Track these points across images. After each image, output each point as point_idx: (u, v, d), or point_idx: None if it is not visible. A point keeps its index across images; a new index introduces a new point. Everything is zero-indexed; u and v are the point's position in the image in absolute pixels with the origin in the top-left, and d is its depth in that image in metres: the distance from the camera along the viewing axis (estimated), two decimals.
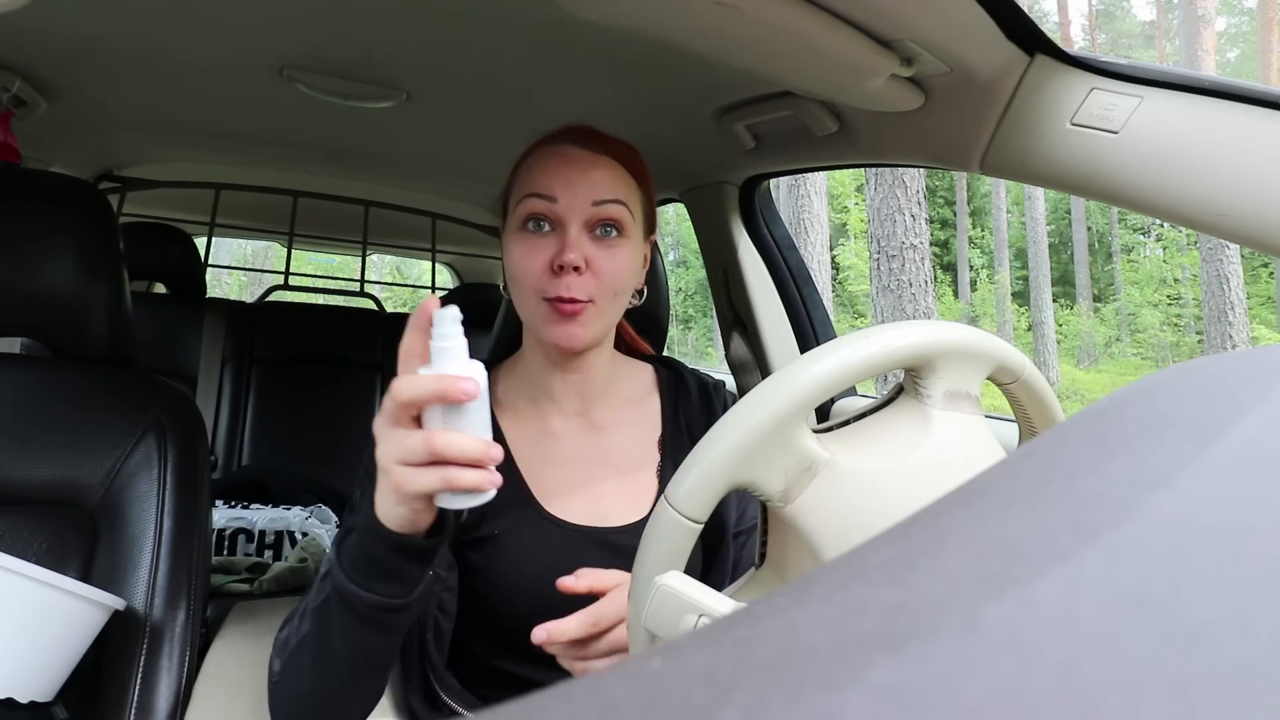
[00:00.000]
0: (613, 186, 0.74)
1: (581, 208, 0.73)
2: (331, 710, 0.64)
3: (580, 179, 0.73)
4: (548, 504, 0.77)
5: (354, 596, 0.58)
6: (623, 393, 0.84)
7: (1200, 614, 0.10)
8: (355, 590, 0.58)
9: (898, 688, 0.09)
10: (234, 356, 1.84)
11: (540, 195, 0.73)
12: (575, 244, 0.71)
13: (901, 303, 5.52)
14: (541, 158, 0.76)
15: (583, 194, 0.73)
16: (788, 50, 0.76)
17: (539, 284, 0.72)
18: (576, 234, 0.72)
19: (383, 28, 0.93)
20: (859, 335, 0.54)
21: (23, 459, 0.82)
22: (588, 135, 0.77)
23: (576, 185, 0.73)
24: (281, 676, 0.64)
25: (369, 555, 0.58)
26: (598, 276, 0.73)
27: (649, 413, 0.84)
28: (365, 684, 0.64)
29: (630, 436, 0.83)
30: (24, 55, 1.06)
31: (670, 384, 0.87)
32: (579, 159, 0.75)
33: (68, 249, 0.84)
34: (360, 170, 1.74)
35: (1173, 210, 0.71)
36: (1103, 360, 15.30)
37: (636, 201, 0.77)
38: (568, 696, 0.10)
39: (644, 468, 0.81)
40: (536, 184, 0.74)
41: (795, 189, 7.41)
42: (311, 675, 0.62)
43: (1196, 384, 0.18)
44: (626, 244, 0.75)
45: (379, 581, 0.58)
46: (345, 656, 0.60)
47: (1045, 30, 0.74)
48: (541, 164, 0.75)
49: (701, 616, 0.49)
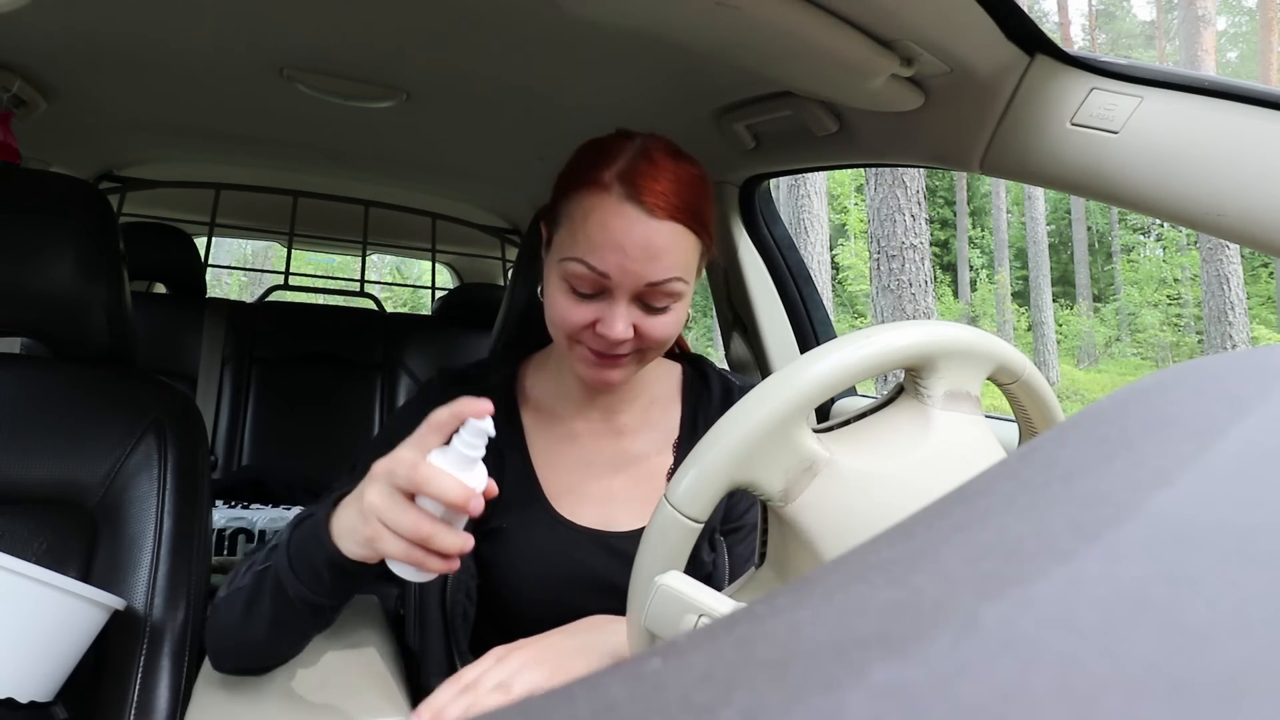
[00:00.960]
0: (672, 260, 0.67)
1: (634, 285, 0.67)
2: (246, 655, 0.69)
3: (639, 256, 0.65)
4: (557, 503, 0.78)
5: (288, 583, 0.62)
6: (649, 393, 0.84)
7: (1200, 614, 0.10)
8: (291, 579, 0.62)
9: (898, 688, 0.09)
10: (234, 356, 1.84)
11: (590, 267, 0.66)
12: (623, 316, 0.67)
13: (901, 303, 5.52)
14: (596, 213, 0.66)
15: (637, 274, 0.66)
16: (788, 50, 0.76)
17: (577, 336, 0.70)
18: (625, 308, 0.67)
19: (383, 28, 0.93)
20: (859, 335, 0.54)
21: (23, 459, 0.82)
22: (649, 182, 0.66)
23: (632, 264, 0.65)
24: (219, 606, 0.69)
25: (309, 558, 0.61)
26: (642, 339, 0.69)
27: (670, 415, 0.84)
28: (277, 647, 0.69)
29: (649, 440, 0.82)
30: (24, 55, 1.06)
31: (694, 386, 0.86)
32: (638, 227, 0.65)
33: (68, 249, 0.84)
34: (360, 170, 1.74)
35: (1173, 210, 0.71)
36: (1103, 360, 15.31)
37: (695, 257, 0.70)
38: (568, 696, 0.10)
39: (658, 473, 0.81)
40: (587, 250, 0.66)
41: (795, 189, 7.40)
42: (238, 621, 0.66)
43: (1196, 384, 0.18)
44: (678, 306, 0.70)
45: (311, 580, 0.62)
46: (268, 622, 0.65)
47: (1045, 30, 0.74)
48: (596, 224, 0.66)
49: (701, 616, 0.49)
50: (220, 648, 0.70)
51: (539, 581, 0.75)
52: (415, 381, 1.92)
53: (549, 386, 0.83)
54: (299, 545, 0.62)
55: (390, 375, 1.92)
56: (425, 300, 10.29)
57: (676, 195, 0.67)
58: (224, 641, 0.69)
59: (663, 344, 0.72)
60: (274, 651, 0.69)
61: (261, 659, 0.70)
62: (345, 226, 2.20)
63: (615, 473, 0.80)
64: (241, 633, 0.67)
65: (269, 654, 0.70)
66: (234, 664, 0.71)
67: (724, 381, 0.86)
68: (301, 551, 0.62)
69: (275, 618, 0.64)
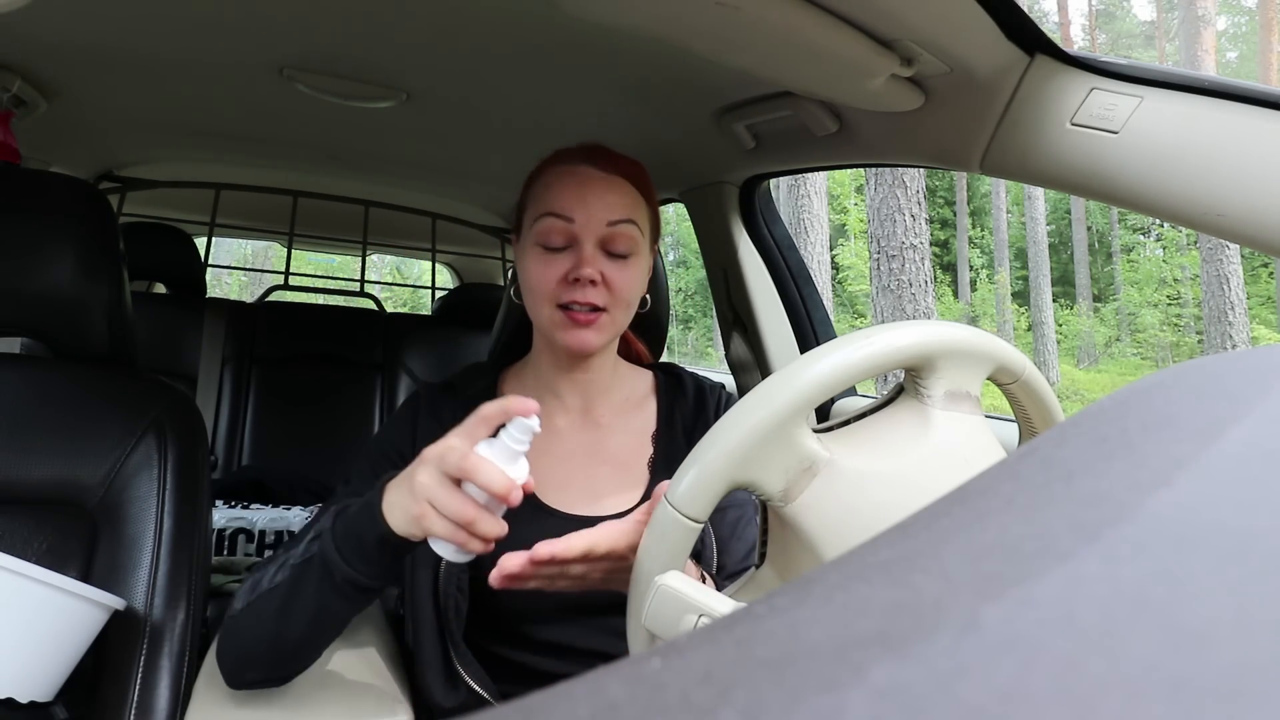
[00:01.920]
0: (625, 207, 0.78)
1: (596, 228, 0.76)
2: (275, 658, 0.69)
3: (596, 200, 0.76)
4: (544, 495, 0.80)
5: (335, 566, 0.63)
6: (623, 394, 0.88)
7: (1200, 614, 0.10)
8: (338, 561, 0.63)
9: (898, 688, 0.09)
10: (234, 356, 1.84)
11: (557, 215, 0.76)
12: (590, 260, 0.76)
13: (901, 303, 5.52)
14: (557, 177, 0.79)
15: (598, 215, 0.76)
16: (788, 50, 0.76)
17: (555, 293, 0.77)
18: (591, 251, 0.76)
19: (383, 28, 0.93)
20: (859, 335, 0.54)
21: (23, 459, 0.82)
22: (601, 154, 0.80)
23: (592, 207, 0.76)
24: (242, 613, 0.69)
25: (359, 537, 0.63)
26: (611, 290, 0.77)
27: (646, 413, 0.88)
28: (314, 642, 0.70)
29: (628, 433, 0.86)
30: (24, 55, 1.06)
31: (668, 387, 0.91)
32: (594, 180, 0.78)
33: (68, 249, 0.84)
34: (360, 170, 1.74)
35: (1173, 210, 0.71)
36: (1103, 360, 15.31)
37: (645, 219, 0.81)
38: (568, 696, 0.10)
39: (637, 461, 0.84)
40: (553, 204, 0.77)
41: (795, 189, 7.40)
42: (273, 619, 0.67)
43: (1196, 384, 0.18)
44: (636, 260, 0.79)
45: (361, 561, 0.63)
46: (310, 613, 0.66)
47: (1045, 30, 0.74)
48: (558, 184, 0.78)
49: (701, 616, 0.49)
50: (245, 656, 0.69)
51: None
52: (415, 381, 1.92)
53: (529, 387, 0.87)
54: (346, 529, 0.64)
55: (390, 375, 1.92)
56: (425, 300, 10.29)
57: (625, 164, 0.81)
58: (253, 648, 0.69)
59: (626, 302, 0.79)
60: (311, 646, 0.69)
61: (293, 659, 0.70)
62: (345, 226, 2.20)
63: (597, 463, 0.83)
64: (276, 634, 0.67)
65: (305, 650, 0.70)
66: (261, 672, 0.70)
67: (696, 380, 0.91)
68: (351, 533, 0.64)
69: (319, 606, 0.65)
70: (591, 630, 0.77)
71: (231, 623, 0.70)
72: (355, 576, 0.63)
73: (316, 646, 0.70)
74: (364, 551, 0.63)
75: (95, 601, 0.71)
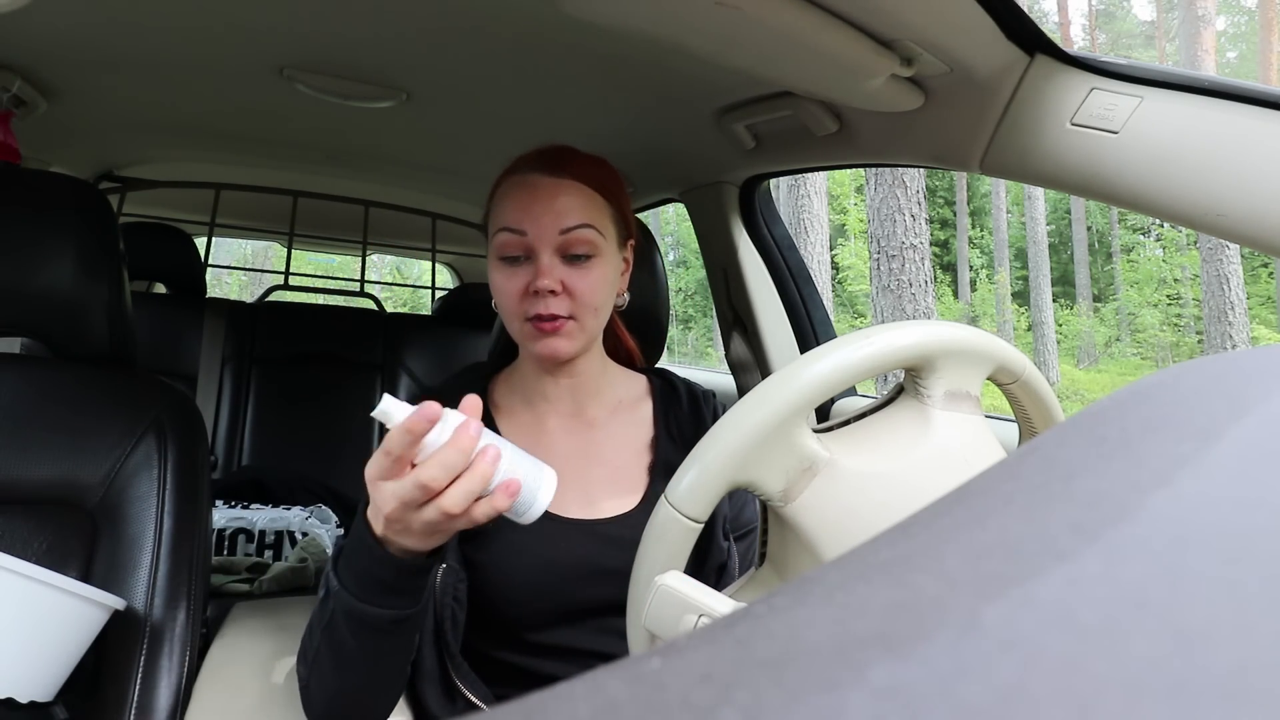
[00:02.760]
0: (579, 211, 0.76)
1: (550, 237, 0.75)
2: (364, 702, 0.68)
3: (545, 210, 0.75)
4: None
5: (367, 614, 0.61)
6: (615, 396, 0.87)
7: (1200, 614, 0.10)
8: (368, 609, 0.61)
9: (898, 688, 0.09)
10: (234, 356, 1.84)
11: (510, 229, 0.75)
12: (548, 270, 0.74)
13: (901, 303, 5.52)
14: (510, 189, 0.77)
15: (549, 224, 0.74)
16: (788, 51, 0.76)
17: (519, 307, 0.76)
18: (549, 261, 0.75)
19: (383, 28, 0.93)
20: (859, 335, 0.54)
21: (23, 459, 0.82)
22: (552, 160, 0.78)
23: (542, 216, 0.74)
24: (309, 682, 0.68)
25: (378, 579, 0.61)
26: (573, 296, 0.75)
27: (641, 416, 0.87)
28: (392, 675, 0.68)
29: (622, 435, 0.85)
30: (24, 55, 1.06)
31: (662, 392, 0.89)
32: (543, 188, 0.76)
33: (68, 249, 0.84)
34: (360, 170, 1.74)
35: (1173, 210, 0.71)
36: (1103, 360, 15.30)
37: (606, 218, 0.79)
38: (568, 696, 0.10)
39: (635, 463, 0.83)
40: (506, 218, 0.76)
41: (795, 189, 7.40)
42: (336, 680, 0.65)
43: (1196, 384, 0.18)
44: (599, 262, 0.77)
45: (391, 597, 0.61)
46: (368, 661, 0.64)
47: (1045, 30, 0.74)
48: (510, 196, 0.77)
49: (701, 616, 0.49)
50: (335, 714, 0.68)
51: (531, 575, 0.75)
52: (415, 381, 1.92)
53: (518, 393, 0.86)
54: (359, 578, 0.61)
55: (390, 375, 1.92)
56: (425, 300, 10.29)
57: (579, 166, 0.78)
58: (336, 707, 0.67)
59: (593, 306, 0.77)
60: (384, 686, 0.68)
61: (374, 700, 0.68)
62: (345, 226, 2.20)
63: (592, 464, 0.82)
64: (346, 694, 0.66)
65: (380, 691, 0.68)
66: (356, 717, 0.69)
67: (689, 387, 0.90)
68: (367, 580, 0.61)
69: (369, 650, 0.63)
70: (593, 632, 0.76)
71: (305, 693, 0.69)
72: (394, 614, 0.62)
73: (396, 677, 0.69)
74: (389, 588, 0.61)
75: (95, 601, 0.71)
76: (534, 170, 0.77)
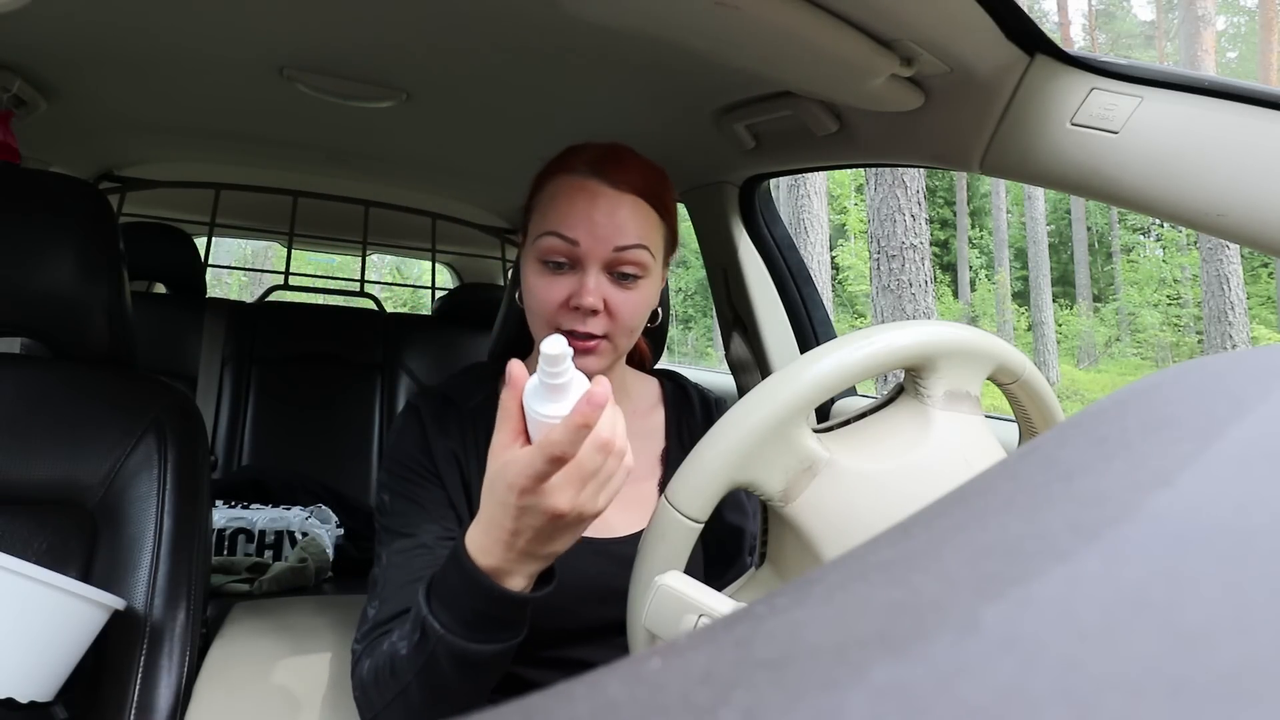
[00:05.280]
0: (636, 229, 0.71)
1: (602, 252, 0.70)
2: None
3: (604, 222, 0.70)
4: None
5: (477, 654, 0.58)
6: (630, 403, 0.85)
7: (1200, 614, 0.10)
8: (478, 649, 0.58)
9: (898, 688, 0.09)
10: (234, 356, 1.84)
11: (560, 236, 0.70)
12: (594, 287, 0.70)
13: (901, 303, 5.52)
14: (565, 190, 0.72)
15: (604, 238, 0.70)
16: (788, 50, 0.76)
17: (554, 317, 0.72)
18: (596, 278, 0.70)
19: (383, 28, 0.93)
20: (859, 335, 0.54)
21: (23, 459, 0.82)
22: (614, 165, 0.73)
23: (599, 229, 0.70)
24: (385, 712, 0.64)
25: (493, 617, 0.58)
26: (614, 316, 0.72)
27: (654, 425, 0.85)
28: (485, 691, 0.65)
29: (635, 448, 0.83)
30: (24, 55, 1.06)
31: (675, 398, 0.88)
32: (603, 199, 0.71)
33: (68, 249, 0.84)
34: (360, 170, 1.74)
35: (1173, 210, 0.71)
36: (1103, 360, 15.30)
37: (659, 236, 0.75)
38: (568, 696, 0.10)
39: (647, 480, 0.81)
40: (558, 222, 0.71)
41: (795, 189, 7.40)
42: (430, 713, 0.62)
43: (1196, 384, 0.18)
44: (645, 283, 0.73)
45: (502, 631, 0.59)
46: (470, 694, 0.61)
47: (1045, 30, 0.74)
48: (565, 198, 0.72)
49: (701, 616, 0.49)
50: None
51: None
52: (415, 381, 1.92)
53: None
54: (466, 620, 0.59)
55: (390, 375, 1.92)
56: (425, 300, 10.29)
57: (640, 177, 0.73)
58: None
59: (631, 328, 0.73)
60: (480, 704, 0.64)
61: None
62: (345, 226, 2.20)
63: None
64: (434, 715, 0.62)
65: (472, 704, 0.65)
66: None
67: (701, 393, 0.89)
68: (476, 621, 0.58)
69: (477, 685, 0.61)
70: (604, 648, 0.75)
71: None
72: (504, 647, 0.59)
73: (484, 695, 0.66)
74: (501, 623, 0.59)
75: (95, 601, 0.71)
76: (593, 175, 0.72)
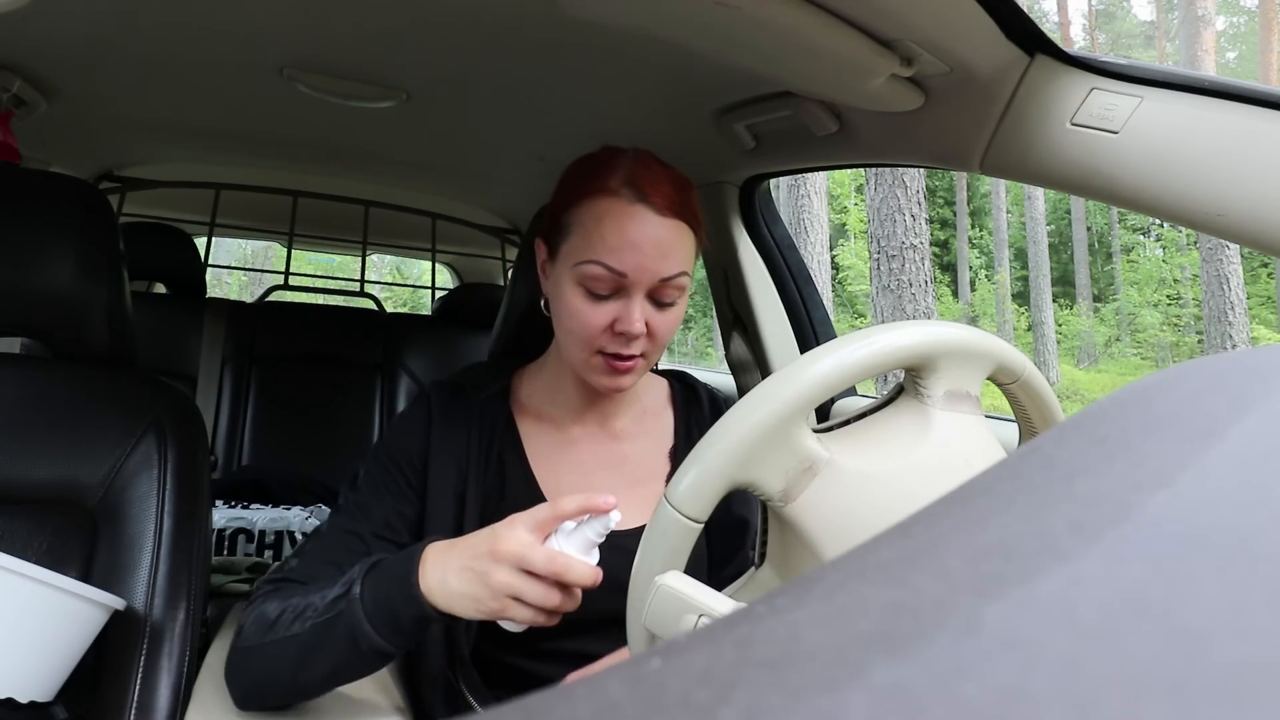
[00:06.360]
0: (681, 259, 0.72)
1: (648, 282, 0.71)
2: (288, 696, 0.69)
3: (651, 253, 0.70)
4: None
5: (365, 637, 0.62)
6: (640, 403, 0.87)
7: (1200, 614, 0.10)
8: (369, 633, 0.62)
9: (898, 688, 0.09)
10: (234, 356, 1.84)
11: (608, 268, 0.70)
12: (638, 316, 0.71)
13: (901, 303, 5.52)
14: (612, 216, 0.71)
15: (652, 271, 0.71)
16: (788, 50, 0.76)
17: (595, 341, 0.73)
18: (640, 304, 0.71)
19: (383, 28, 0.93)
20: (859, 335, 0.54)
21: (23, 459, 0.82)
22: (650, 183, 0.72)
23: (647, 261, 0.70)
24: (254, 652, 0.68)
25: (394, 613, 0.62)
26: (653, 336, 0.73)
27: (663, 424, 0.87)
28: (329, 687, 0.69)
29: (645, 446, 0.85)
30: (24, 55, 1.06)
31: (684, 398, 0.89)
32: (651, 228, 0.70)
33: (68, 249, 0.84)
34: (360, 170, 1.74)
35: (1173, 210, 0.71)
36: (1103, 360, 15.30)
37: (694, 254, 0.76)
38: (568, 696, 0.10)
39: (655, 476, 0.83)
40: (606, 253, 0.70)
41: (795, 189, 7.40)
42: (289, 666, 0.66)
43: (1196, 384, 0.18)
44: (681, 302, 0.75)
45: (393, 634, 0.62)
46: (329, 668, 0.65)
47: (1045, 30, 0.74)
48: (612, 226, 0.70)
49: (701, 616, 0.49)
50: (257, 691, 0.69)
51: None
52: (415, 381, 1.92)
53: (545, 395, 0.84)
54: (379, 601, 0.63)
55: (390, 375, 1.92)
56: (425, 300, 10.29)
57: (675, 192, 0.73)
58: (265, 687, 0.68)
59: (665, 343, 0.76)
60: (325, 689, 0.69)
61: (305, 696, 0.70)
62: (345, 226, 2.20)
63: (614, 476, 0.82)
64: (291, 678, 0.66)
65: (318, 691, 0.70)
66: (272, 704, 0.71)
67: (710, 393, 0.90)
68: (385, 607, 0.62)
69: (340, 663, 0.65)
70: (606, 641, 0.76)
71: (240, 657, 0.69)
72: (385, 647, 0.63)
73: (330, 689, 0.70)
74: (398, 626, 0.62)
75: (95, 601, 0.71)
76: (637, 199, 0.71)
